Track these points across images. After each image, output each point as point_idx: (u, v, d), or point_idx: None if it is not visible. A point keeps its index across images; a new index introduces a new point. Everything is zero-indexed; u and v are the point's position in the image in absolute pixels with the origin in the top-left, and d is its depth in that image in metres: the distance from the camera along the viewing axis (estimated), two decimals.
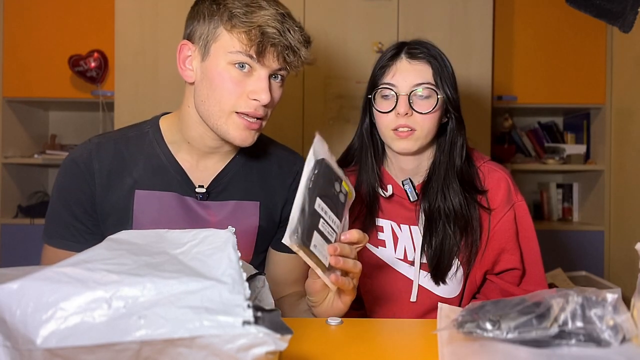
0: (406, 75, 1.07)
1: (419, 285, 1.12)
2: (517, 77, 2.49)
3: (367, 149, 1.16)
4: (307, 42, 0.96)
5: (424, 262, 1.12)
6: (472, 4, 2.22)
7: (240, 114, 0.93)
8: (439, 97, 1.06)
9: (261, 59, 0.91)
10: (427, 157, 1.14)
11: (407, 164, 1.14)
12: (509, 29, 2.48)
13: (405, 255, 1.14)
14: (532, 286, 1.12)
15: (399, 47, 1.10)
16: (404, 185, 1.13)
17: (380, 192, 1.15)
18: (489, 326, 0.61)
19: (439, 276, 1.11)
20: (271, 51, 0.91)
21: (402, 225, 1.15)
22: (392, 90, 1.07)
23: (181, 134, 1.02)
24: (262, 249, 1.10)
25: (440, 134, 1.13)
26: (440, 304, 0.78)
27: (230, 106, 0.93)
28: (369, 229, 1.14)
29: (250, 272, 0.75)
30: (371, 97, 1.11)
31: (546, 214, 2.78)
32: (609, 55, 2.49)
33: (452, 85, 1.09)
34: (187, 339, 0.46)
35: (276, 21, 0.90)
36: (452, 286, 1.12)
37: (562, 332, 0.61)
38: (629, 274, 2.28)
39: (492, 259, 1.12)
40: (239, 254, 0.58)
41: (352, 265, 0.79)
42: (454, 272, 1.11)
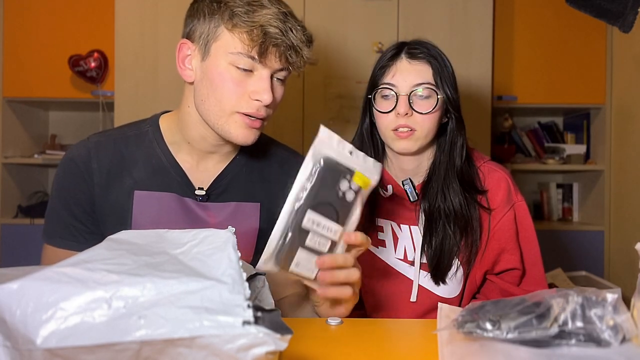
0: (406, 75, 1.07)
1: (419, 285, 1.12)
2: (517, 77, 2.49)
3: (367, 149, 1.15)
4: (310, 41, 0.94)
5: (424, 262, 1.12)
6: (472, 4, 2.22)
7: (241, 113, 0.92)
8: (439, 97, 1.06)
9: (263, 60, 0.90)
10: (427, 157, 1.14)
11: (407, 164, 1.14)
12: (509, 29, 2.48)
13: (405, 255, 1.14)
14: (532, 286, 1.12)
15: (399, 47, 1.10)
16: (404, 185, 1.12)
17: (380, 192, 1.15)
18: (489, 326, 0.61)
19: (439, 276, 1.11)
20: (273, 51, 0.90)
21: (402, 225, 1.15)
22: (392, 90, 1.07)
23: (181, 134, 1.00)
24: (262, 250, 1.10)
25: (440, 134, 1.13)
26: (440, 304, 0.78)
27: (231, 106, 0.91)
28: (369, 229, 1.14)
29: (250, 272, 0.75)
30: (371, 97, 1.11)
31: (546, 214, 2.78)
32: (609, 55, 2.49)
33: (452, 85, 1.09)
34: (187, 339, 0.46)
35: (278, 20, 0.88)
36: (452, 286, 1.12)
37: (562, 332, 0.61)
38: (629, 274, 2.28)
39: (492, 259, 1.12)
40: (239, 254, 0.58)
41: (345, 276, 0.76)
42: (454, 272, 1.11)
